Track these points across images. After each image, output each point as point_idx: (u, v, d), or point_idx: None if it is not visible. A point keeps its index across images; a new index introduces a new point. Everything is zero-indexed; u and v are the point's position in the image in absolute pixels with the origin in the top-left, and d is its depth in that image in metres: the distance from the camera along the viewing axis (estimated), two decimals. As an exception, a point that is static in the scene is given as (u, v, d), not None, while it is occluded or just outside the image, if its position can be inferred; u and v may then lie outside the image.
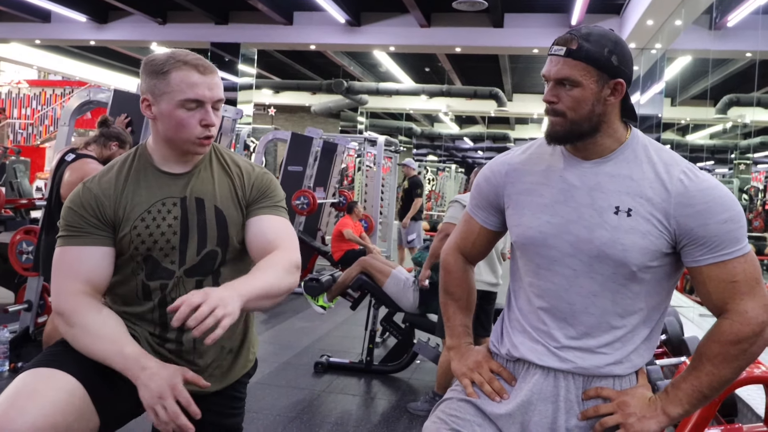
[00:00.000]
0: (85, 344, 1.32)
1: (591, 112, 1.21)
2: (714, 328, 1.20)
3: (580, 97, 1.20)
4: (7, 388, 1.23)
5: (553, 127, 1.24)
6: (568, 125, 1.22)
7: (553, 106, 1.23)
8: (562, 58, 1.20)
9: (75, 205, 1.40)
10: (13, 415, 1.16)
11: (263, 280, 1.31)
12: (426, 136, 21.71)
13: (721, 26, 7.50)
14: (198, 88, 1.36)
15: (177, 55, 1.37)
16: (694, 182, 1.18)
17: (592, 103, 1.20)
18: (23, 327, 3.77)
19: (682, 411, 1.20)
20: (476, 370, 1.34)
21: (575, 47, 1.19)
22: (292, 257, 1.41)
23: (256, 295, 1.27)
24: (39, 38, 11.25)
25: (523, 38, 9.25)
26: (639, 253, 1.18)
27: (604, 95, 1.21)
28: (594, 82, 1.20)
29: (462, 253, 1.47)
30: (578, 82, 1.20)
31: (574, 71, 1.19)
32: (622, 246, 1.18)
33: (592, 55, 1.19)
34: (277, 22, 9.71)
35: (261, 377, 3.59)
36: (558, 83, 1.22)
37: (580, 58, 1.19)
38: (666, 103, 10.30)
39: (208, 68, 1.39)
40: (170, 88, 1.35)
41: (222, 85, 1.42)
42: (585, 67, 1.19)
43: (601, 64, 1.19)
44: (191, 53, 1.39)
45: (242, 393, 1.58)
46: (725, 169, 17.50)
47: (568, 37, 1.21)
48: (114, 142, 3.18)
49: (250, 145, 9.39)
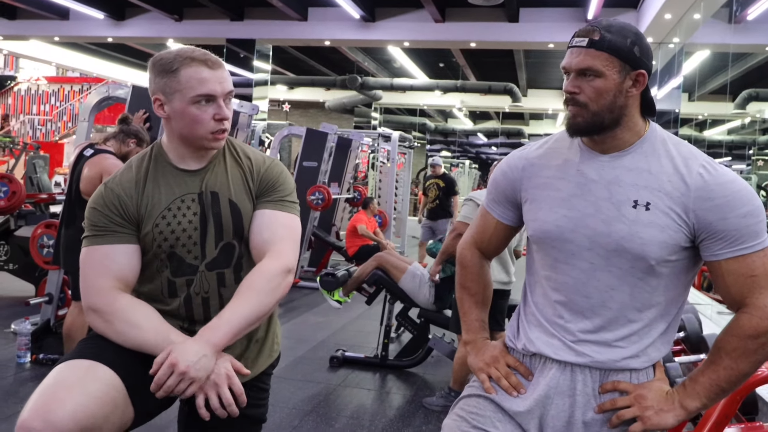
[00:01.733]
0: (131, 337, 1.34)
1: (613, 104, 1.20)
2: (732, 322, 1.19)
3: (602, 88, 1.20)
4: (45, 380, 1.25)
5: (575, 119, 1.23)
6: (589, 116, 1.21)
7: (574, 96, 1.22)
8: (584, 48, 1.20)
9: (98, 205, 1.43)
10: (53, 406, 1.18)
11: (241, 314, 1.36)
12: (440, 132, 21.68)
13: (740, 20, 7.40)
14: (209, 83, 1.37)
15: (184, 52, 1.38)
16: (713, 176, 1.17)
17: (614, 94, 1.20)
18: (44, 319, 3.83)
19: (699, 404, 1.19)
20: (493, 365, 1.34)
21: (598, 38, 1.19)
22: (281, 264, 1.42)
23: (234, 333, 1.35)
24: (58, 35, 11.37)
25: (538, 33, 9.20)
26: (658, 247, 1.18)
27: (626, 86, 1.21)
28: (616, 73, 1.19)
29: (478, 248, 1.47)
30: (601, 72, 1.19)
31: (596, 61, 1.19)
32: (641, 240, 1.18)
33: (615, 45, 1.18)
34: (292, 18, 9.73)
35: (277, 371, 3.58)
36: (580, 74, 1.21)
37: (603, 49, 1.19)
38: (684, 98, 10.18)
39: (216, 62, 1.40)
40: (181, 86, 1.37)
41: (230, 77, 1.44)
42: (608, 57, 1.19)
43: (623, 55, 1.19)
44: (197, 49, 1.40)
45: (267, 384, 1.61)
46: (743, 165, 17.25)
47: (589, 29, 1.21)
48: (132, 139, 3.22)
49: (265, 140, 9.44)
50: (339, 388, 3.57)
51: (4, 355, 3.70)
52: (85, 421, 1.18)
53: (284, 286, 1.43)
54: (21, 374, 3.41)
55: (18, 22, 11.16)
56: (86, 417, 1.19)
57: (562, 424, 1.24)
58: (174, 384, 1.27)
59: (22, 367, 3.50)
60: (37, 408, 1.18)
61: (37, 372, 3.42)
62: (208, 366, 1.30)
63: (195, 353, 1.29)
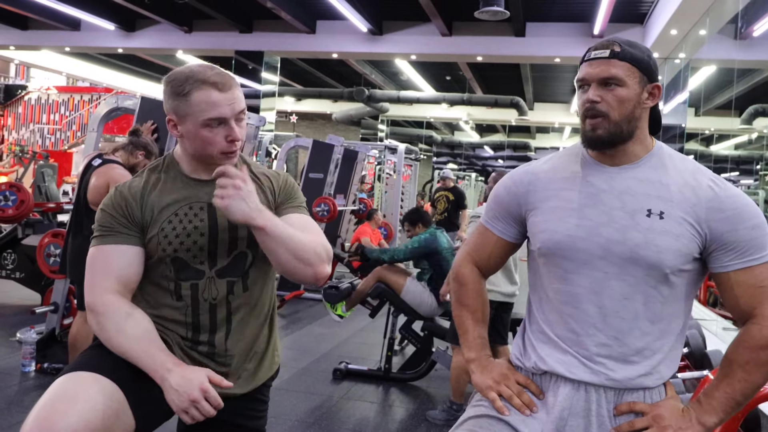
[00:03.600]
0: (118, 343, 1.36)
1: (632, 114, 1.23)
2: (743, 334, 1.20)
3: (624, 97, 1.22)
4: (47, 392, 1.26)
5: (594, 131, 1.23)
6: (610, 127, 1.22)
7: (596, 105, 1.23)
8: (606, 59, 1.22)
9: (107, 207, 1.46)
10: (55, 419, 1.18)
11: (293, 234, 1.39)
12: (446, 144, 21.70)
13: (746, 36, 7.41)
14: (219, 107, 1.38)
15: (196, 74, 1.39)
16: (722, 189, 1.21)
17: (634, 104, 1.23)
18: (49, 328, 3.84)
19: (717, 420, 1.19)
20: (503, 382, 1.30)
21: (619, 50, 1.22)
22: (322, 241, 1.46)
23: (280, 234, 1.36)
24: (69, 45, 11.50)
25: (544, 47, 9.24)
26: (673, 255, 1.19)
27: (643, 98, 1.24)
28: (637, 83, 1.23)
29: (477, 265, 1.44)
30: (624, 82, 1.22)
31: (620, 71, 1.22)
32: (657, 248, 1.18)
33: (635, 57, 1.22)
34: (300, 30, 9.82)
35: (280, 383, 3.62)
36: (601, 83, 1.23)
37: (625, 59, 1.22)
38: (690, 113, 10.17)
39: (227, 84, 1.40)
40: (192, 110, 1.39)
41: (242, 96, 1.45)
42: (630, 67, 1.22)
43: (644, 66, 1.23)
44: (209, 69, 1.41)
45: (266, 396, 1.60)
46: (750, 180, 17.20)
47: (608, 42, 1.24)
48: (141, 151, 3.26)
49: (272, 151, 9.49)
50: (342, 400, 3.56)
51: (9, 363, 3.72)
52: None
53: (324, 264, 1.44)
54: (25, 383, 3.42)
55: (30, 32, 11.30)
56: (88, 430, 1.20)
57: None
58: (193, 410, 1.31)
59: (26, 376, 3.52)
60: (39, 421, 1.19)
61: (41, 381, 3.43)
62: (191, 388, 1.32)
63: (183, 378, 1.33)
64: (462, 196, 7.92)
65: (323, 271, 1.43)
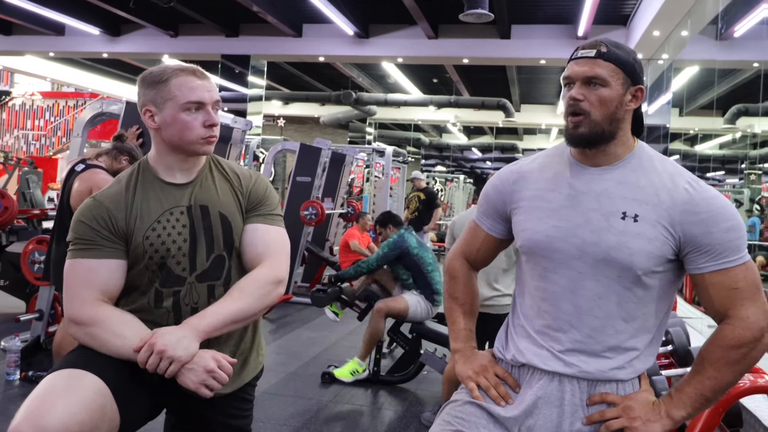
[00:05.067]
0: (117, 346, 1.36)
1: (613, 115, 1.25)
2: (716, 333, 1.23)
3: (606, 97, 1.24)
4: (36, 388, 1.28)
5: (576, 129, 1.26)
6: (590, 125, 1.25)
7: (578, 103, 1.25)
8: (591, 59, 1.25)
9: (86, 218, 1.44)
10: (43, 412, 1.20)
11: (228, 310, 1.41)
12: (434, 147, 21.75)
13: (727, 36, 7.51)
14: (198, 91, 1.44)
15: (172, 65, 1.47)
16: (698, 191, 1.22)
17: (616, 105, 1.25)
18: (34, 336, 3.81)
19: (685, 414, 1.23)
20: (482, 373, 1.36)
21: (605, 50, 1.25)
22: (273, 273, 1.48)
23: (219, 325, 1.40)
24: (53, 51, 11.42)
25: (530, 49, 9.30)
26: (645, 258, 1.21)
27: (626, 100, 1.26)
28: (620, 85, 1.25)
29: (467, 259, 1.50)
30: (607, 82, 1.24)
31: (604, 71, 1.24)
32: (629, 250, 1.21)
33: (621, 59, 1.25)
34: (287, 34, 9.81)
35: (268, 387, 3.61)
36: (585, 82, 1.25)
37: (610, 60, 1.24)
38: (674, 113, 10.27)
39: (204, 74, 1.49)
40: (172, 94, 1.43)
41: (217, 88, 1.52)
42: (614, 68, 1.24)
43: (628, 68, 1.25)
44: (184, 63, 1.49)
45: (251, 395, 1.62)
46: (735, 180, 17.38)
47: (596, 42, 1.27)
48: (125, 156, 3.23)
49: (259, 155, 9.46)
50: (331, 404, 3.56)
51: (-6, 371, 3.68)
52: (74, 427, 1.21)
53: (274, 295, 1.48)
54: (10, 392, 3.39)
55: (13, 37, 11.21)
56: (76, 423, 1.21)
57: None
58: (155, 363, 1.31)
59: (11, 384, 3.48)
60: (28, 414, 1.21)
61: (26, 389, 3.39)
62: (188, 346, 1.33)
63: (175, 335, 1.34)
64: (433, 196, 8.07)
65: (274, 301, 1.50)
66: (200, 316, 1.39)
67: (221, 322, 1.39)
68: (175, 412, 1.57)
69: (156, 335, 1.34)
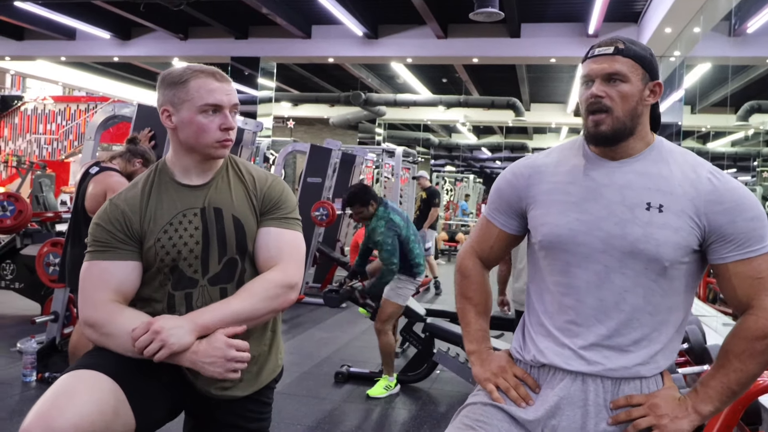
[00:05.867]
0: (130, 347, 1.35)
1: (634, 110, 1.25)
2: (739, 325, 1.22)
3: (628, 93, 1.24)
4: (48, 390, 1.28)
5: (597, 127, 1.25)
6: (613, 122, 1.24)
7: (600, 100, 1.24)
8: (610, 56, 1.25)
9: (102, 221, 1.45)
10: (54, 414, 1.20)
11: (231, 309, 1.40)
12: (444, 147, 21.71)
13: (740, 33, 7.43)
14: (216, 93, 1.43)
15: (193, 66, 1.46)
16: (721, 182, 1.22)
17: (637, 101, 1.25)
18: (50, 338, 3.84)
19: (713, 408, 1.21)
20: (501, 375, 1.33)
21: (623, 47, 1.25)
22: (285, 278, 1.46)
23: (218, 322, 1.38)
24: (64, 55, 11.51)
25: (540, 48, 9.25)
26: (672, 249, 1.20)
27: (645, 95, 1.26)
28: (639, 80, 1.25)
29: (479, 257, 1.46)
30: (627, 77, 1.24)
31: (624, 67, 1.24)
32: (656, 241, 1.20)
33: (639, 54, 1.25)
34: (296, 36, 9.83)
35: (282, 387, 3.62)
36: (606, 79, 1.25)
37: (629, 56, 1.25)
38: (686, 110, 10.19)
39: (224, 76, 1.47)
40: (190, 96, 1.42)
41: (236, 92, 1.50)
42: (633, 64, 1.25)
43: (646, 64, 1.26)
44: (206, 65, 1.47)
45: (270, 398, 1.60)
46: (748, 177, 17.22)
47: (612, 40, 1.27)
48: (139, 159, 3.26)
49: (269, 157, 9.49)
50: (344, 403, 3.56)
51: (10, 373, 3.72)
52: (85, 427, 1.20)
53: (284, 299, 1.45)
54: (27, 393, 3.42)
55: (25, 42, 11.31)
56: (87, 424, 1.21)
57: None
58: (147, 341, 1.31)
59: (27, 385, 3.51)
60: (38, 416, 1.21)
61: (42, 391, 3.38)
62: (182, 336, 1.33)
63: (174, 322, 1.34)
64: (434, 194, 8.12)
65: (284, 305, 1.47)
66: (202, 311, 1.39)
67: (221, 320, 1.37)
68: (193, 415, 1.57)
69: (156, 318, 1.35)
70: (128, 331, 1.34)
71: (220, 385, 1.44)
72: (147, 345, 1.30)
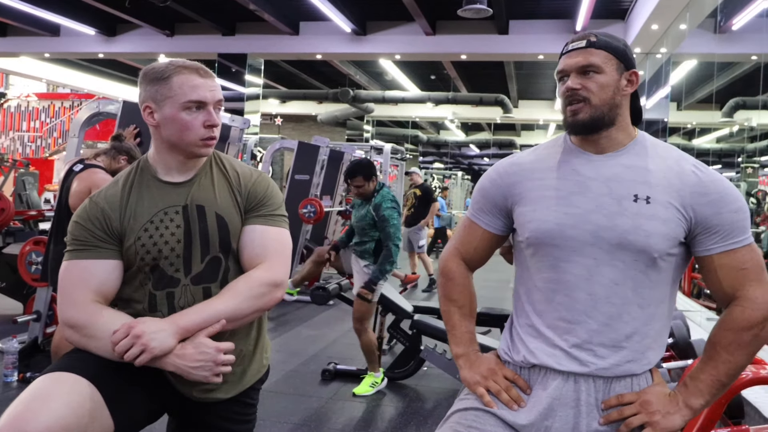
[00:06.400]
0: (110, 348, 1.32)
1: (612, 99, 1.26)
2: (725, 317, 1.23)
3: (603, 83, 1.25)
4: (23, 392, 1.25)
5: (575, 116, 1.26)
6: (591, 111, 1.25)
7: (576, 92, 1.26)
8: (583, 49, 1.26)
9: (82, 219, 1.42)
10: (27, 417, 1.17)
11: (215, 309, 1.36)
12: (432, 144, 21.73)
13: (725, 30, 7.49)
14: (200, 90, 1.40)
15: (175, 61, 1.42)
16: (705, 174, 1.24)
17: (614, 90, 1.26)
18: (32, 337, 3.80)
19: (703, 402, 1.22)
20: (491, 377, 1.31)
21: (595, 39, 1.27)
22: (270, 276, 1.42)
23: (201, 323, 1.35)
24: (48, 52, 11.38)
25: (528, 44, 9.27)
26: (661, 239, 1.21)
27: (622, 85, 1.27)
28: (614, 70, 1.26)
29: (463, 259, 1.44)
30: (601, 69, 1.25)
31: (597, 58, 1.26)
32: (645, 232, 1.20)
33: (611, 45, 1.27)
34: (284, 32, 9.78)
35: (268, 385, 3.58)
36: (580, 72, 1.26)
37: (601, 47, 1.26)
38: (672, 107, 10.25)
39: (208, 72, 1.44)
40: (173, 92, 1.39)
41: (220, 88, 1.46)
42: (606, 55, 1.26)
43: (620, 54, 1.27)
44: (188, 60, 1.44)
45: (255, 399, 1.58)
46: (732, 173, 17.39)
47: (584, 34, 1.29)
48: (124, 156, 3.22)
49: (257, 154, 9.44)
50: (331, 401, 3.55)
51: (-8, 373, 3.67)
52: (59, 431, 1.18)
53: (270, 297, 1.42)
54: (7, 393, 3.37)
55: (9, 39, 11.16)
56: (61, 428, 1.18)
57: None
58: (127, 345, 1.28)
59: (9, 386, 3.47)
60: (11, 419, 1.18)
61: (25, 390, 3.38)
62: (164, 340, 1.30)
63: (155, 325, 1.31)
64: (429, 191, 8.08)
65: (269, 304, 1.44)
66: (184, 313, 1.36)
67: (204, 321, 1.34)
68: (175, 416, 1.55)
69: (137, 321, 1.32)
70: (109, 333, 1.31)
71: (203, 388, 1.41)
72: (127, 349, 1.28)
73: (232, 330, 1.43)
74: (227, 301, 1.38)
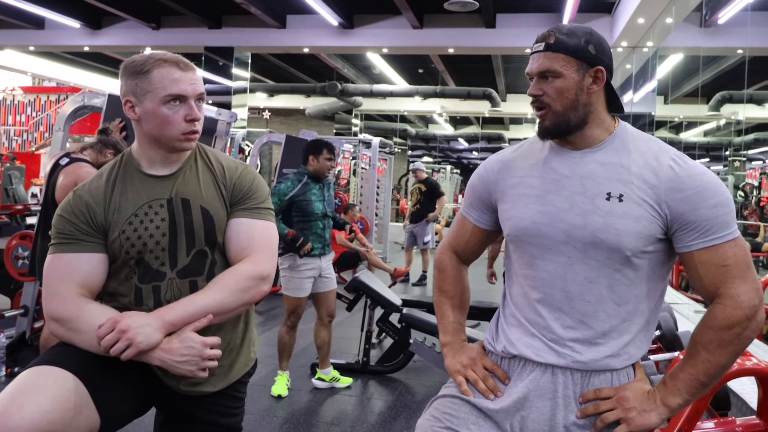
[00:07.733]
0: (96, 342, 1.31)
1: (575, 101, 1.24)
2: (707, 315, 1.21)
3: (562, 87, 1.24)
4: (7, 387, 1.24)
5: (542, 122, 1.27)
6: (554, 117, 1.25)
7: (538, 98, 1.26)
8: (542, 52, 1.25)
9: (66, 212, 1.41)
10: (11, 411, 1.17)
11: (200, 303, 1.36)
12: (421, 138, 21.73)
13: (711, 23, 7.55)
14: (180, 83, 1.38)
15: (156, 54, 1.40)
16: (683, 168, 1.20)
17: (575, 92, 1.24)
18: (20, 332, 3.77)
19: (681, 401, 1.20)
20: (470, 367, 1.34)
21: (553, 41, 1.24)
22: (256, 269, 1.42)
23: (187, 317, 1.34)
24: (33, 45, 11.24)
25: (515, 38, 9.29)
26: (633, 238, 1.20)
27: (586, 84, 1.24)
28: (574, 72, 1.23)
29: (456, 252, 1.49)
30: (559, 73, 1.23)
31: (554, 63, 1.23)
32: (616, 231, 1.20)
33: (569, 46, 1.23)
34: (271, 25, 9.73)
35: (257, 379, 3.60)
36: (541, 77, 1.26)
37: (558, 50, 1.23)
38: (659, 101, 10.33)
39: (188, 65, 1.41)
40: (153, 86, 1.37)
41: (202, 81, 1.44)
42: (564, 57, 1.23)
43: (579, 54, 1.23)
44: (169, 53, 1.42)
45: (242, 393, 1.58)
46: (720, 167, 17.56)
47: (546, 33, 1.26)
48: (110, 149, 3.20)
49: (245, 148, 9.40)
50: (320, 394, 3.56)
51: (-21, 369, 3.64)
52: (44, 425, 1.17)
53: (256, 291, 1.42)
54: (-4, 388, 3.35)
55: (-8, 32, 11.03)
56: (46, 422, 1.18)
57: (544, 426, 1.24)
58: (113, 340, 1.27)
59: (-3, 381, 3.45)
60: None
61: (12, 386, 3.36)
62: (150, 335, 1.29)
63: (141, 320, 1.30)
64: (434, 186, 8.03)
65: (256, 297, 1.44)
66: (169, 307, 1.35)
67: (191, 315, 1.34)
68: (163, 409, 1.54)
69: (122, 315, 1.31)
70: (94, 327, 1.30)
71: (190, 381, 1.41)
72: (113, 343, 1.27)
73: (219, 323, 1.42)
74: (213, 294, 1.37)
